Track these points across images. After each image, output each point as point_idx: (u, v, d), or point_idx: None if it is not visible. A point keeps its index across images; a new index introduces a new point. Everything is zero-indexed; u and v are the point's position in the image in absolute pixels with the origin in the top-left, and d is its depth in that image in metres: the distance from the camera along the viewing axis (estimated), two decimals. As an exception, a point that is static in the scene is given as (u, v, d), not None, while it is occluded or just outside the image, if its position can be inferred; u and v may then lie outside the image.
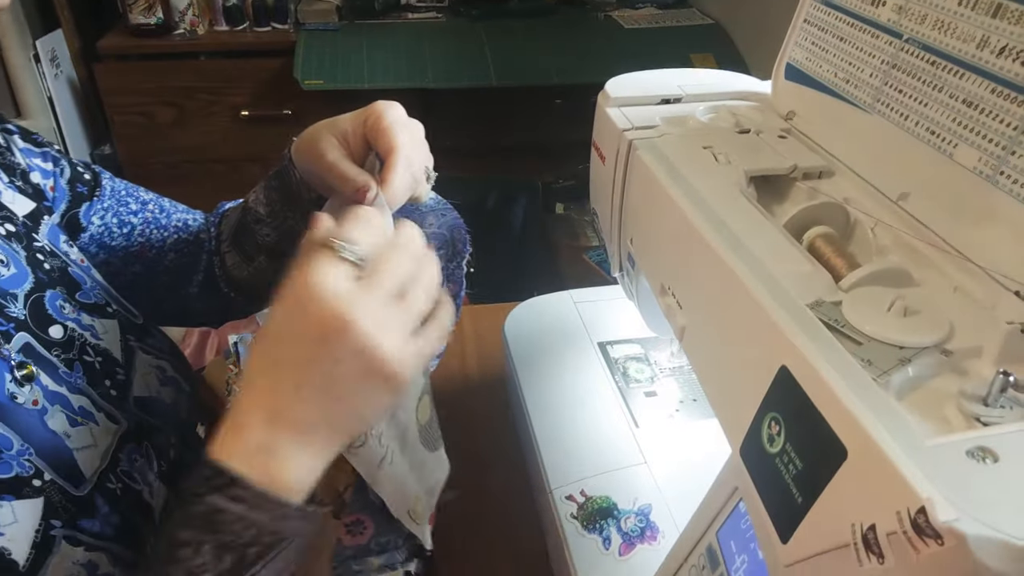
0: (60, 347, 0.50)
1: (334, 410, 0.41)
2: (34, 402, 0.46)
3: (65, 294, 0.53)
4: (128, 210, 0.65)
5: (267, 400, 0.40)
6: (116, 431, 0.51)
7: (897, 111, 0.52)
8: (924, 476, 0.31)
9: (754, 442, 0.41)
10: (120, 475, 0.50)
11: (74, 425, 0.48)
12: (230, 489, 0.38)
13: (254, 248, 0.64)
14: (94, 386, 0.51)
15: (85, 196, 0.62)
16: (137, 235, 0.65)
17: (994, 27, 0.44)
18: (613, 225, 0.68)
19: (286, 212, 0.61)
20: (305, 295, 0.40)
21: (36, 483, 0.44)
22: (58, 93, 1.81)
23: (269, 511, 0.39)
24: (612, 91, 0.67)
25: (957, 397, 0.38)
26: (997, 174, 0.44)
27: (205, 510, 0.38)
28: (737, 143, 0.60)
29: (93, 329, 0.54)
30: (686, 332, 0.52)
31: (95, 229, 0.63)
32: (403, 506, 0.49)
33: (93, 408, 0.50)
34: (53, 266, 0.54)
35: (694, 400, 0.76)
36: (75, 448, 0.47)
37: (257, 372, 0.41)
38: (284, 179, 0.59)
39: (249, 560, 0.38)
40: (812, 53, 0.61)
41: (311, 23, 1.82)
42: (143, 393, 0.55)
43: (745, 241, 0.47)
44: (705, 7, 1.97)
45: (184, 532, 0.38)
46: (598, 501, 0.65)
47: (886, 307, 0.42)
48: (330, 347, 0.39)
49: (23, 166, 0.57)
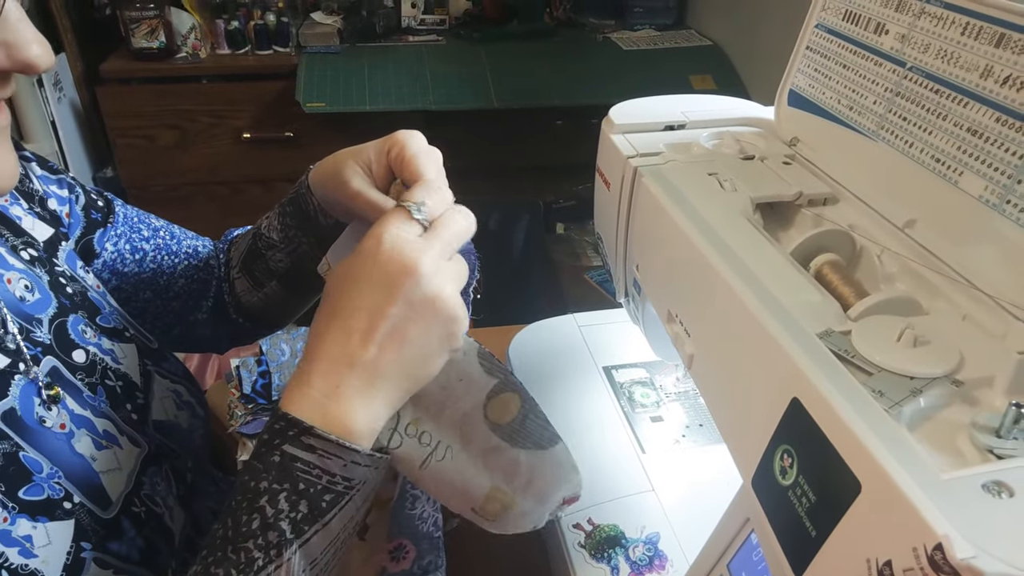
0: (84, 371, 0.51)
1: (401, 353, 0.43)
2: (61, 426, 0.47)
3: (87, 318, 0.54)
4: (140, 237, 0.65)
5: (335, 347, 0.42)
6: (139, 454, 0.52)
7: (902, 138, 0.52)
8: (940, 511, 0.31)
9: (766, 474, 0.41)
10: (143, 499, 0.51)
11: (99, 448, 0.49)
12: (302, 438, 0.40)
13: (265, 274, 0.65)
14: (116, 409, 0.52)
15: (99, 223, 0.63)
16: (149, 262, 0.65)
17: (997, 56, 0.45)
18: (618, 251, 0.68)
19: (300, 238, 0.61)
20: (378, 247, 0.42)
21: (67, 505, 0.45)
22: (61, 117, 1.81)
23: (340, 458, 0.40)
24: (616, 117, 0.68)
25: (969, 428, 0.38)
26: (1003, 202, 0.44)
27: (280, 460, 0.40)
28: (742, 170, 0.60)
29: (113, 353, 0.55)
30: (695, 360, 0.52)
31: (108, 256, 0.63)
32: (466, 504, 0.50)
33: (116, 431, 0.51)
34: (75, 290, 0.55)
35: (700, 425, 0.76)
36: (101, 471, 0.48)
37: (327, 319, 0.43)
38: (300, 206, 0.60)
39: (323, 507, 0.40)
40: (815, 80, 0.61)
41: (313, 46, 1.83)
42: (161, 417, 0.56)
43: (753, 269, 0.48)
44: (703, 29, 1.99)
45: (261, 482, 0.40)
46: (606, 529, 0.65)
47: (896, 337, 0.42)
48: (401, 291, 0.42)
49: (41, 193, 0.58)
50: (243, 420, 1.21)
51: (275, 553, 0.39)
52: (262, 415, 1.25)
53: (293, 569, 0.39)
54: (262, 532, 0.39)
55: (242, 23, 1.83)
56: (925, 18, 0.50)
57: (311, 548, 0.40)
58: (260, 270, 0.65)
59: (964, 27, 0.47)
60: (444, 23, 2.00)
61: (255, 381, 1.27)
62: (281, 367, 1.33)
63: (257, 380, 1.28)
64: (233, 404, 1.23)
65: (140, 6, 1.72)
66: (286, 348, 1.39)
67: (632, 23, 2.03)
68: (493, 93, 1.76)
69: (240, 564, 0.39)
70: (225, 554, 0.39)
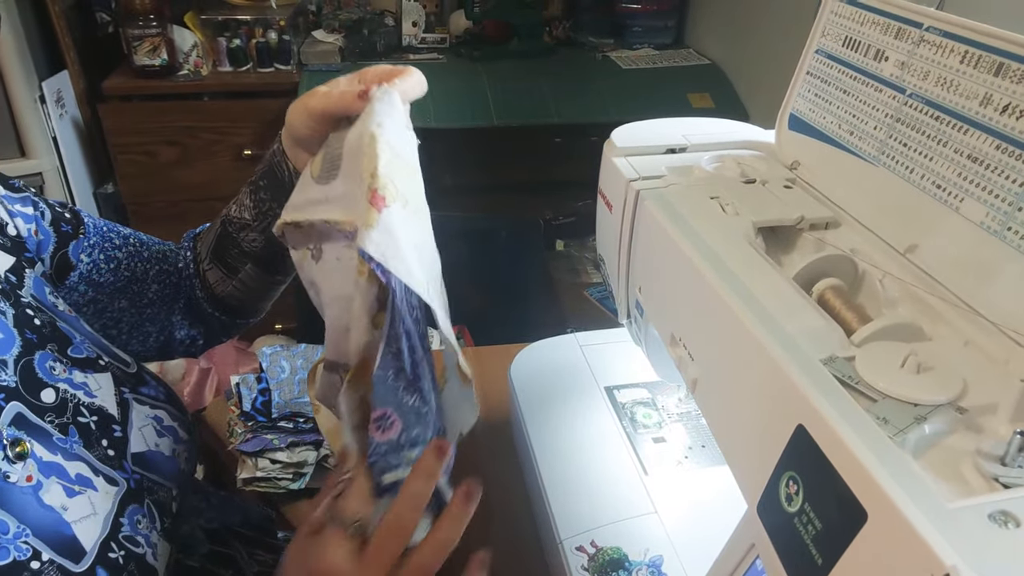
0: (53, 412, 0.49)
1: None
2: (28, 478, 0.45)
3: (56, 352, 0.52)
4: (112, 245, 0.65)
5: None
6: (116, 493, 0.50)
7: (902, 164, 0.53)
8: (947, 542, 0.31)
9: (771, 500, 0.41)
10: (122, 542, 0.49)
11: (71, 495, 0.47)
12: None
13: (239, 258, 0.65)
14: (90, 448, 0.50)
15: (71, 235, 0.62)
16: (123, 269, 0.65)
17: (997, 85, 0.45)
18: (621, 273, 0.68)
19: (276, 210, 0.61)
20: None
21: (34, 565, 0.43)
22: (62, 133, 1.82)
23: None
24: (618, 140, 0.68)
25: (974, 456, 0.38)
26: (1005, 229, 0.45)
27: None
28: (743, 193, 0.60)
29: (86, 387, 0.53)
30: (698, 384, 0.52)
31: (84, 267, 0.63)
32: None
33: (91, 473, 0.49)
34: (43, 321, 0.53)
35: (703, 446, 0.76)
36: (74, 520, 0.46)
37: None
38: (275, 175, 0.60)
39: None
40: (815, 104, 0.62)
41: (314, 64, 1.85)
42: (141, 448, 0.54)
43: (756, 294, 0.48)
44: (701, 48, 2.01)
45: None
46: (609, 552, 0.64)
47: (899, 363, 0.42)
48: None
49: (1, 218, 0.57)
50: (243, 438, 1.21)
51: None
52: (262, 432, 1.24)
53: None
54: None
55: (244, 41, 1.85)
56: (924, 46, 0.51)
57: None
58: (232, 255, 0.65)
59: (963, 55, 0.48)
60: (445, 42, 2.02)
61: (255, 398, 1.27)
62: (281, 384, 1.33)
63: (257, 397, 1.28)
64: (233, 421, 1.23)
65: (142, 24, 1.73)
66: (286, 365, 1.39)
67: (631, 42, 2.05)
68: (493, 111, 1.77)
69: None
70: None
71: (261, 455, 1.14)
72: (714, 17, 1.95)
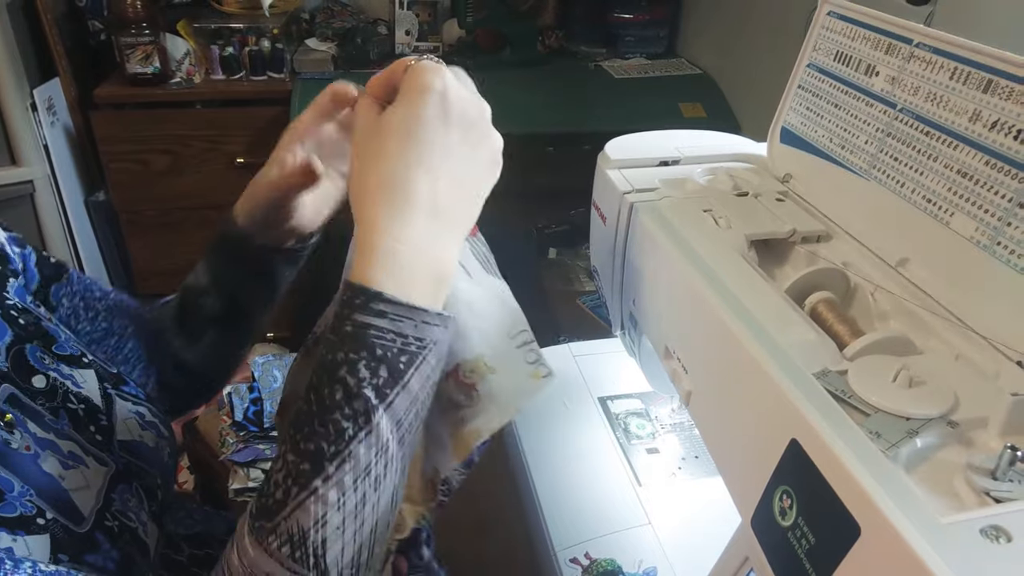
0: (44, 396, 0.52)
1: (461, 194, 0.46)
2: (26, 447, 0.48)
3: (42, 347, 0.55)
4: (93, 296, 0.66)
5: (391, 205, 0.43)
6: (106, 473, 0.52)
7: (893, 178, 0.53)
8: (940, 557, 0.31)
9: (765, 514, 0.41)
10: (115, 514, 0.51)
11: (66, 468, 0.50)
12: (372, 304, 0.41)
13: (200, 324, 0.66)
14: (80, 431, 0.53)
15: (54, 277, 0.64)
16: (101, 320, 0.66)
17: (985, 102, 0.46)
18: (614, 285, 0.68)
19: (229, 274, 0.63)
20: (443, 90, 0.45)
21: (40, 521, 0.46)
22: (54, 141, 1.81)
23: (411, 319, 0.42)
24: (612, 153, 0.68)
25: (965, 470, 0.38)
26: (994, 244, 0.45)
27: (354, 330, 0.41)
28: (736, 206, 0.61)
29: (73, 379, 0.55)
30: (692, 397, 0.52)
31: (64, 311, 0.64)
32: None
33: (82, 452, 0.51)
34: (28, 321, 0.55)
35: (696, 457, 0.76)
36: (71, 489, 0.49)
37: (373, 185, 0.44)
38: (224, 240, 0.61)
39: (401, 369, 0.41)
40: (807, 118, 0.63)
41: (307, 72, 1.84)
42: (126, 437, 0.57)
43: (749, 307, 0.48)
44: (693, 58, 2.02)
45: (338, 353, 0.41)
46: (603, 564, 0.64)
47: (891, 377, 0.43)
48: (476, 130, 0.47)
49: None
50: (234, 448, 1.20)
51: (363, 420, 0.40)
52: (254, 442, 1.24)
53: (382, 433, 0.41)
54: (347, 402, 0.40)
55: (237, 49, 1.84)
56: (915, 61, 0.51)
57: (395, 410, 0.41)
58: (193, 322, 0.66)
59: (952, 72, 0.48)
60: (438, 50, 2.02)
61: (247, 408, 1.26)
62: (273, 394, 1.33)
63: (249, 407, 1.27)
64: (224, 431, 1.22)
65: (135, 32, 1.72)
66: (278, 375, 1.39)
67: (623, 52, 2.06)
68: (486, 120, 1.77)
69: (330, 436, 0.40)
70: (313, 428, 0.41)
71: (253, 465, 1.13)
72: (706, 27, 1.97)
